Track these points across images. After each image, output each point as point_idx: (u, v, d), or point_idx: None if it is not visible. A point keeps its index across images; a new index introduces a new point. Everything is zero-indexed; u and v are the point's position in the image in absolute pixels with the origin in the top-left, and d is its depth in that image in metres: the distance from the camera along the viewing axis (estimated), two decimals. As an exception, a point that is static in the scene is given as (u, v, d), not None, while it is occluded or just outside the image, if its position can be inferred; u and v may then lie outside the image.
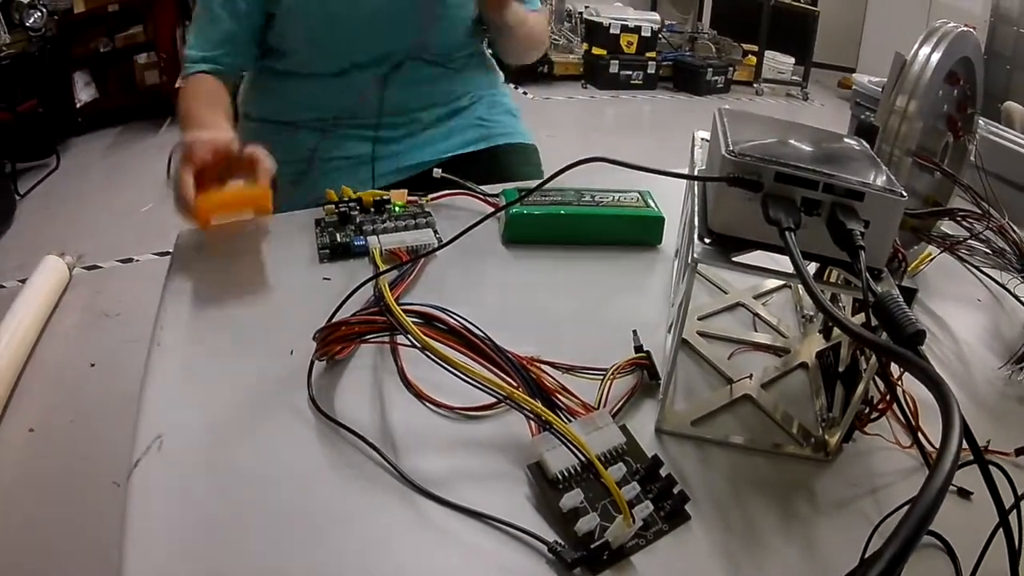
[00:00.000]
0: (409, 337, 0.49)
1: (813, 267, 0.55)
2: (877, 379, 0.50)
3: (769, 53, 5.14)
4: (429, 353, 0.48)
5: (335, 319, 0.54)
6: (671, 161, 0.64)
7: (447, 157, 1.10)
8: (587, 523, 0.42)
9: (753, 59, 5.19)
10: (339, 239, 0.72)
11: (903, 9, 4.81)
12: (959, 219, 0.71)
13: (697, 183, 0.56)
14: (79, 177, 3.05)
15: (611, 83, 4.87)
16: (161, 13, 3.40)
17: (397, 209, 0.78)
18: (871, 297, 0.42)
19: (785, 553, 0.44)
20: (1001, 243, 0.70)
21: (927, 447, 0.49)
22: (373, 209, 0.77)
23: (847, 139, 0.57)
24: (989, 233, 0.70)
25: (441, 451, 0.50)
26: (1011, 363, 0.66)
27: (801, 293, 0.72)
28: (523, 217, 0.76)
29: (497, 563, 0.42)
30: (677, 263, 0.72)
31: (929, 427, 0.50)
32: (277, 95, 1.06)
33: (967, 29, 0.68)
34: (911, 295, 0.47)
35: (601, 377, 0.54)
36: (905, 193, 0.46)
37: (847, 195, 0.46)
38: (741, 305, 0.71)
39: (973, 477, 0.43)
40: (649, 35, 4.87)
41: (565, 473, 0.46)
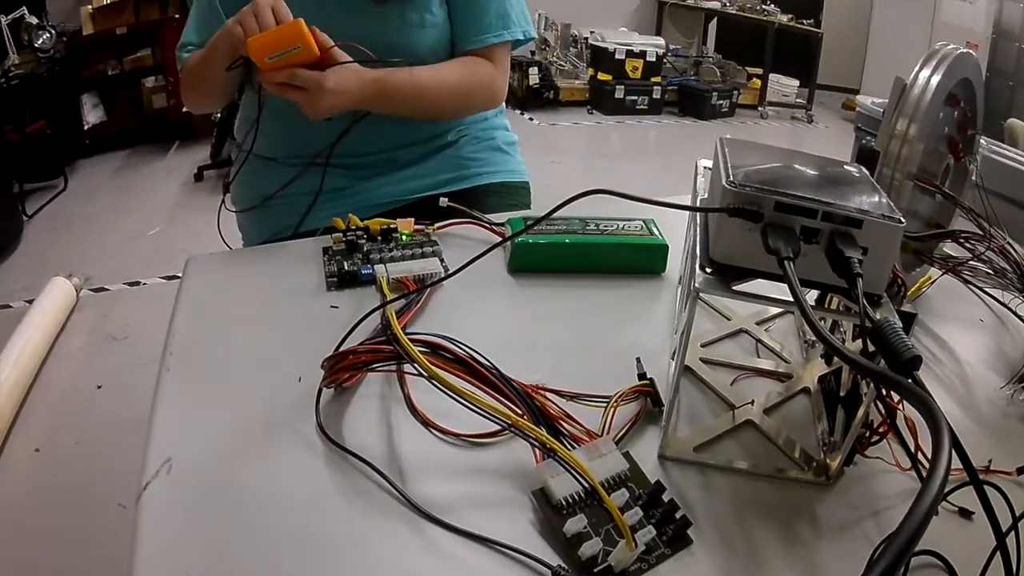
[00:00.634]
0: (416, 366, 0.49)
1: (814, 294, 0.55)
2: (878, 403, 0.50)
3: (773, 76, 5.16)
4: (435, 382, 0.49)
5: (343, 347, 0.55)
6: (676, 186, 0.65)
7: (418, 197, 1.08)
8: (590, 548, 0.43)
9: (758, 82, 5.21)
10: (346, 267, 0.73)
11: (906, 28, 4.85)
12: (961, 240, 0.71)
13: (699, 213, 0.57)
14: (87, 199, 3.08)
15: (617, 108, 4.89)
16: (169, 36, 3.43)
17: (404, 238, 0.78)
18: (869, 324, 0.43)
19: (787, 577, 0.45)
20: (1003, 263, 0.70)
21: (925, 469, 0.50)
22: (380, 238, 0.78)
23: (847, 166, 0.58)
24: (991, 253, 0.70)
25: (447, 478, 0.50)
26: (1014, 382, 0.66)
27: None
28: (528, 246, 0.76)
29: (502, 588, 0.42)
30: (680, 291, 0.73)
31: (929, 448, 0.50)
32: (264, 132, 1.05)
33: (967, 50, 0.69)
34: (910, 320, 0.48)
35: (605, 404, 0.55)
36: (904, 219, 0.47)
37: (845, 223, 0.46)
38: (744, 331, 0.71)
39: (975, 497, 0.43)
40: (654, 60, 4.89)
41: (569, 499, 0.46)
